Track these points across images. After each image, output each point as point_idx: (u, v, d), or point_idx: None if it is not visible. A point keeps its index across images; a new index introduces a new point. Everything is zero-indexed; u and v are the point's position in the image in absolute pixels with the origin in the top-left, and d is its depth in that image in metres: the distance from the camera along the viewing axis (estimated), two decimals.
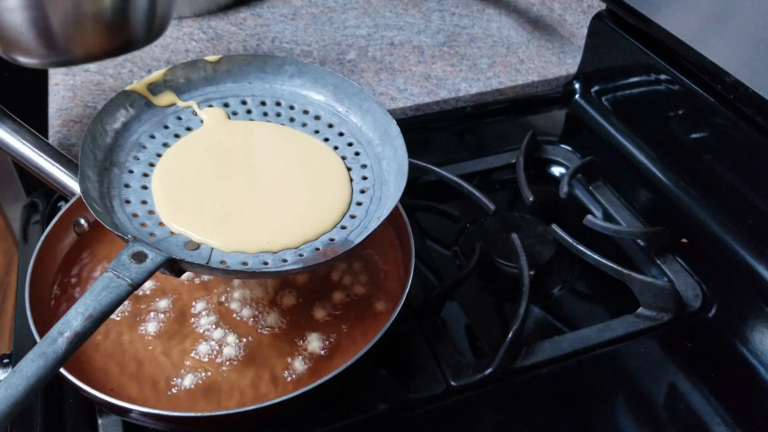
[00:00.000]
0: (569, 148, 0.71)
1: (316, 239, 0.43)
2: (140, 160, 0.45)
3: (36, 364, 0.32)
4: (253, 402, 0.41)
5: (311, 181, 0.46)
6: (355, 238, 0.42)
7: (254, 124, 0.49)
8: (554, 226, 0.57)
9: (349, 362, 0.40)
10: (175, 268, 0.38)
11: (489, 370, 0.48)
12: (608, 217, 0.64)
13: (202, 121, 0.48)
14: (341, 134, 0.49)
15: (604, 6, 0.71)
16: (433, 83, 0.77)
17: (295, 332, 0.46)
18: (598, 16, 0.72)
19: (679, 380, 0.50)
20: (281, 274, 0.45)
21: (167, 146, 0.46)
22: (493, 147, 0.72)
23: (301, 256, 0.42)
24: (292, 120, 0.50)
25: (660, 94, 0.64)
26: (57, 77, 0.75)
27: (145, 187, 0.44)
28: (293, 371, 0.44)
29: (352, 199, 0.45)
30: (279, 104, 0.50)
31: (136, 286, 0.36)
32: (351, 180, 0.46)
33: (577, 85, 0.77)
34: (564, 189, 0.62)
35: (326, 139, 0.49)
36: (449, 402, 0.47)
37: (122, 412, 0.40)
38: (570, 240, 0.56)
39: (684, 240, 0.59)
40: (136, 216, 0.42)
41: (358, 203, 0.45)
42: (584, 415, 0.48)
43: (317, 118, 0.50)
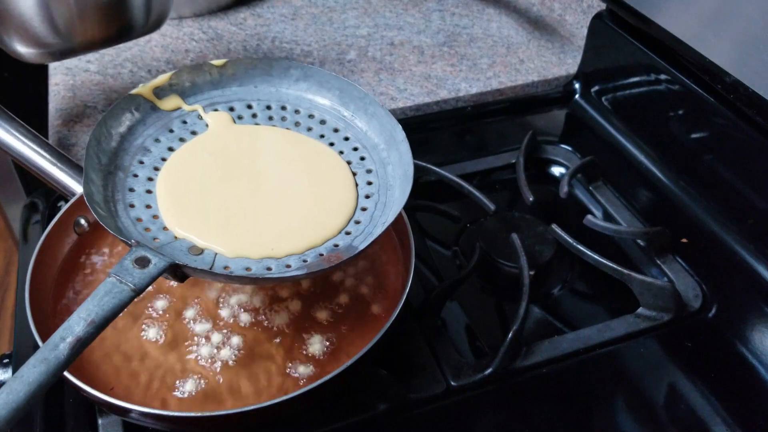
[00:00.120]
0: (569, 148, 0.71)
1: (320, 245, 0.43)
2: (145, 164, 0.45)
3: (38, 369, 0.32)
4: (254, 402, 0.41)
5: (316, 186, 0.45)
6: (360, 243, 0.42)
7: (259, 128, 0.49)
8: (554, 226, 0.57)
9: (349, 362, 0.40)
10: (178, 273, 0.38)
11: (489, 370, 0.48)
12: (608, 217, 0.64)
13: (207, 125, 0.48)
14: (346, 139, 0.49)
15: (604, 6, 0.71)
16: (433, 83, 0.77)
17: (296, 334, 0.46)
18: (598, 16, 0.72)
19: (679, 380, 0.50)
20: (285, 280, 0.45)
21: (172, 150, 0.46)
22: (493, 147, 0.72)
23: (305, 261, 0.41)
24: (297, 124, 0.50)
25: (660, 94, 0.64)
26: (57, 77, 0.75)
27: (149, 192, 0.44)
28: (295, 372, 0.44)
29: (357, 204, 0.45)
30: (284, 108, 0.50)
31: (139, 292, 0.36)
32: (356, 185, 0.46)
33: (577, 85, 0.77)
34: (564, 189, 0.62)
35: (331, 144, 0.49)
36: (449, 402, 0.47)
37: (122, 412, 0.40)
38: (570, 240, 0.56)
39: (684, 240, 0.59)
40: (140, 220, 0.42)
41: (363, 208, 0.45)
42: (584, 415, 0.48)
43: (322, 122, 0.50)
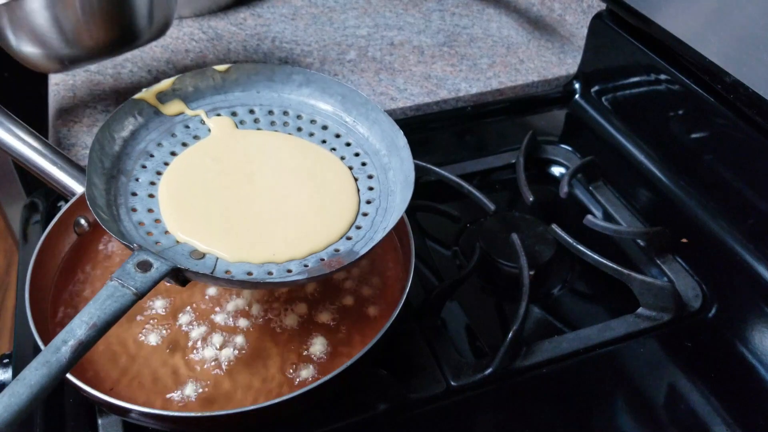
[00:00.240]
0: (569, 148, 0.71)
1: (322, 250, 0.43)
2: (147, 169, 0.45)
3: (39, 372, 0.32)
4: (254, 403, 0.41)
5: (318, 191, 0.46)
6: (360, 249, 0.42)
7: (262, 133, 0.49)
8: (554, 226, 0.57)
9: (349, 362, 0.40)
10: (179, 277, 0.39)
11: (489, 370, 0.48)
12: (608, 217, 0.64)
13: (209, 130, 0.48)
14: (348, 144, 0.49)
15: (604, 6, 0.71)
16: (433, 83, 0.77)
17: (298, 335, 0.46)
18: (598, 16, 0.72)
19: (679, 380, 0.50)
20: (285, 285, 0.45)
21: (175, 155, 0.46)
22: (493, 147, 0.72)
23: (306, 266, 0.41)
24: (299, 129, 0.50)
25: (660, 94, 0.64)
26: (57, 77, 0.75)
27: (151, 196, 0.44)
28: (296, 373, 0.44)
29: (358, 209, 0.45)
30: (287, 113, 0.50)
31: (140, 296, 0.36)
32: (358, 190, 0.46)
33: (577, 85, 0.77)
34: (564, 189, 0.62)
35: (333, 149, 0.49)
36: (449, 402, 0.47)
37: (122, 412, 0.40)
38: (570, 240, 0.56)
39: (684, 240, 0.59)
40: (142, 224, 0.42)
41: (364, 214, 0.45)
42: (584, 415, 0.48)
43: (325, 127, 0.50)
